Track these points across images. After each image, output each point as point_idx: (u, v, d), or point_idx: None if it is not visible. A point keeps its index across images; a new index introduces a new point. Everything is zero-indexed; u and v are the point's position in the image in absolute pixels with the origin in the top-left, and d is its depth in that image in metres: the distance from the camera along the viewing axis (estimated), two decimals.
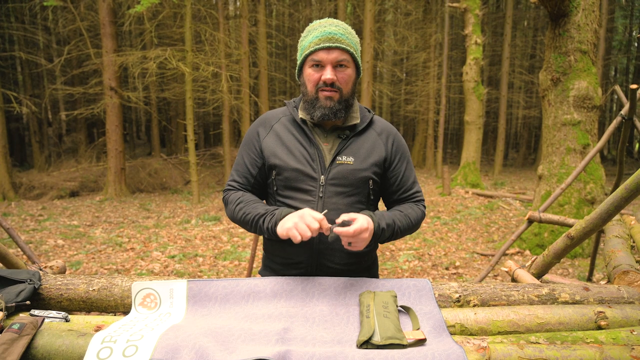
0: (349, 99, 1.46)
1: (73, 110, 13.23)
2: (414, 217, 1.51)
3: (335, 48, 1.38)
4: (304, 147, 1.47)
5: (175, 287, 1.33)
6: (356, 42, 1.45)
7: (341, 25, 1.43)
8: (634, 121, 2.92)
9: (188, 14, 9.72)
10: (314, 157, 1.45)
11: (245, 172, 1.54)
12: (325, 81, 1.40)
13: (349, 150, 1.47)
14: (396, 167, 1.53)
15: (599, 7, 5.56)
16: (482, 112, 12.05)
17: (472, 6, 11.35)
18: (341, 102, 1.43)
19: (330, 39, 1.38)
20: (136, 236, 7.18)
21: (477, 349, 1.01)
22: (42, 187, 11.61)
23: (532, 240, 5.97)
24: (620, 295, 1.38)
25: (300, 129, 1.50)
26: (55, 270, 1.94)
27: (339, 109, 1.43)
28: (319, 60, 1.39)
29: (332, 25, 1.41)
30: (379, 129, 1.55)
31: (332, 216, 1.43)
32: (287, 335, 1.12)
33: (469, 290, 1.37)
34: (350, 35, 1.43)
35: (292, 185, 1.46)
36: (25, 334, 1.04)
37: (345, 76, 1.42)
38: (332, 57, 1.39)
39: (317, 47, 1.38)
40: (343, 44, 1.39)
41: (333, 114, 1.42)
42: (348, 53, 1.41)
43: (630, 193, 1.47)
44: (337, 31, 1.40)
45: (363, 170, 1.46)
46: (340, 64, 1.41)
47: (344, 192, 1.45)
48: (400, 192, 1.56)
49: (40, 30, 15.70)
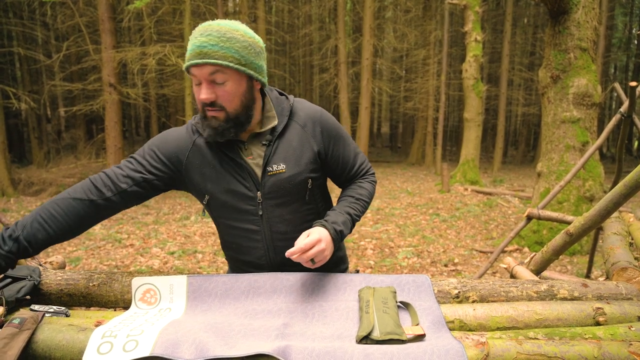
0: (240, 115, 1.27)
1: (72, 107, 13.21)
2: (366, 195, 1.49)
3: (204, 64, 1.19)
4: (231, 166, 1.34)
5: (175, 283, 1.33)
6: (240, 48, 1.21)
7: (216, 31, 1.20)
8: (633, 119, 2.92)
9: (187, 10, 9.70)
10: (244, 175, 1.34)
11: (139, 168, 1.34)
12: (202, 101, 1.24)
13: (277, 156, 1.34)
14: (334, 153, 1.44)
15: (598, 4, 5.56)
16: (481, 110, 12.04)
17: (472, 3, 11.32)
18: (229, 120, 1.26)
19: (199, 53, 1.18)
20: (135, 232, 7.19)
21: (476, 345, 1.02)
22: (41, 183, 11.60)
23: (530, 238, 5.98)
24: (619, 291, 1.38)
25: (215, 149, 1.34)
26: (55, 266, 1.94)
27: (227, 128, 1.26)
28: (195, 76, 1.23)
29: (203, 34, 1.19)
30: (302, 121, 1.39)
31: (280, 228, 1.40)
32: (287, 330, 1.12)
33: (468, 287, 1.37)
34: (229, 42, 1.20)
35: (231, 207, 1.37)
36: (25, 329, 1.05)
37: (226, 93, 1.23)
38: (204, 74, 1.20)
39: (188, 63, 1.20)
40: (213, 57, 1.18)
41: (219, 135, 1.27)
42: (222, 66, 1.20)
43: (629, 190, 1.48)
44: (208, 42, 1.18)
45: (298, 175, 1.36)
46: (215, 80, 1.22)
47: (283, 202, 1.38)
48: (347, 172, 1.50)
49: (39, 26, 15.65)
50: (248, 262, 1.46)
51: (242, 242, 1.43)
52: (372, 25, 12.43)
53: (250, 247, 1.43)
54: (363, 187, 1.51)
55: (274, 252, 1.42)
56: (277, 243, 1.41)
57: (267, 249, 1.42)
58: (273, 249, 1.42)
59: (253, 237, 1.41)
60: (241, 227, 1.40)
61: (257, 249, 1.42)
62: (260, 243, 1.41)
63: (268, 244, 1.41)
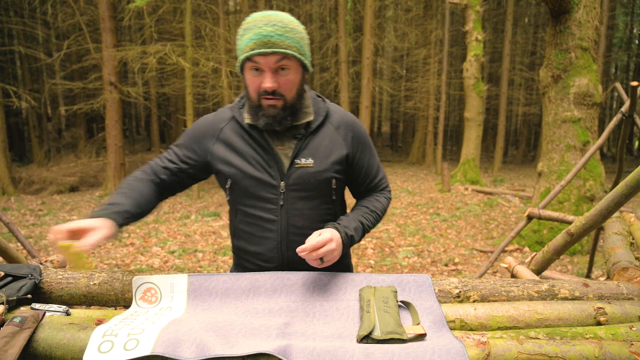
0: (295, 103, 1.35)
1: (72, 105, 13.20)
2: (380, 209, 1.51)
3: (272, 53, 1.25)
4: (258, 154, 1.38)
5: (175, 282, 1.33)
6: (299, 39, 1.30)
7: (279, 24, 1.26)
8: (634, 118, 2.92)
9: (188, 8, 9.69)
10: (271, 164, 1.38)
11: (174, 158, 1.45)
12: (266, 89, 1.28)
13: (307, 151, 1.39)
14: (360, 160, 1.48)
15: (599, 4, 5.55)
16: (482, 109, 12.04)
17: (472, 2, 11.32)
18: (286, 109, 1.32)
19: (266, 42, 1.24)
20: (136, 231, 7.19)
21: (476, 344, 1.02)
22: (41, 182, 11.61)
23: (531, 237, 5.98)
24: (620, 291, 1.38)
25: (249, 135, 1.39)
26: (56, 264, 1.94)
27: (284, 116, 1.33)
28: (257, 65, 1.27)
29: (268, 24, 1.25)
30: (336, 123, 1.44)
31: (297, 222, 1.42)
32: (288, 329, 1.12)
33: (468, 286, 1.37)
34: (291, 32, 1.27)
35: (252, 194, 1.40)
36: (26, 328, 1.05)
37: (288, 82, 1.30)
38: (270, 62, 1.26)
39: (252, 52, 1.25)
40: (281, 47, 1.24)
41: (277, 123, 1.33)
42: (288, 55, 1.27)
43: (630, 190, 1.47)
44: (274, 32, 1.24)
45: (324, 172, 1.39)
46: (280, 68, 1.28)
47: (306, 196, 1.40)
48: (367, 183, 1.53)
49: (40, 24, 15.65)
50: (257, 254, 1.45)
51: (256, 232, 1.44)
52: (372, 25, 12.42)
53: (263, 238, 1.43)
54: (379, 200, 1.53)
55: (286, 246, 1.42)
56: (291, 237, 1.42)
57: (280, 242, 1.42)
58: (286, 243, 1.42)
59: (268, 227, 1.41)
60: (258, 216, 1.41)
61: (270, 240, 1.42)
62: (275, 234, 1.41)
63: (282, 237, 1.42)
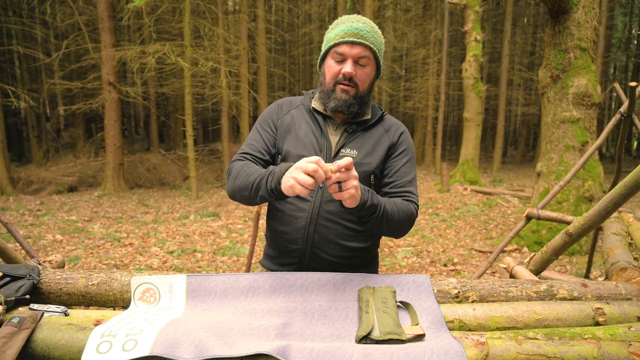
0: (365, 96, 1.48)
1: (71, 105, 13.18)
2: (402, 210, 1.41)
3: (359, 44, 1.40)
4: (315, 137, 1.50)
5: (174, 282, 1.33)
6: (381, 42, 1.47)
7: (369, 23, 1.44)
8: (632, 119, 2.92)
9: (187, 8, 9.68)
10: (322, 148, 1.48)
11: (262, 145, 1.53)
12: (345, 74, 1.41)
13: (354, 144, 1.49)
14: (396, 158, 1.52)
15: (598, 4, 5.55)
16: (481, 109, 12.05)
17: (472, 3, 11.32)
18: (356, 97, 1.45)
19: (356, 34, 1.40)
20: (135, 231, 7.18)
21: (475, 345, 1.02)
22: (40, 182, 11.59)
23: (530, 238, 5.99)
24: (618, 291, 1.38)
25: (313, 119, 1.53)
26: (54, 264, 1.94)
27: (353, 103, 1.45)
28: (341, 53, 1.41)
29: (359, 21, 1.43)
30: (387, 126, 1.57)
31: (329, 207, 1.45)
32: (287, 330, 1.12)
33: (467, 286, 1.37)
34: (376, 34, 1.45)
35: None
36: (24, 328, 1.05)
37: (364, 74, 1.44)
38: (354, 52, 1.40)
39: (341, 40, 1.40)
40: (367, 40, 1.40)
41: (346, 107, 1.45)
42: (371, 51, 1.42)
43: (628, 190, 1.48)
44: (364, 28, 1.41)
45: (365, 165, 1.46)
46: (361, 60, 1.42)
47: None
48: (393, 184, 1.48)
49: (38, 24, 15.63)
50: (284, 233, 1.49)
51: (288, 211, 1.48)
52: None
53: (292, 218, 1.47)
54: (404, 203, 1.44)
55: (313, 229, 1.45)
56: (320, 220, 1.45)
57: (309, 223, 1.45)
58: (314, 225, 1.45)
59: (301, 207, 1.46)
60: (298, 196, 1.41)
61: (299, 219, 1.46)
62: (305, 214, 1.45)
63: (312, 218, 1.45)
